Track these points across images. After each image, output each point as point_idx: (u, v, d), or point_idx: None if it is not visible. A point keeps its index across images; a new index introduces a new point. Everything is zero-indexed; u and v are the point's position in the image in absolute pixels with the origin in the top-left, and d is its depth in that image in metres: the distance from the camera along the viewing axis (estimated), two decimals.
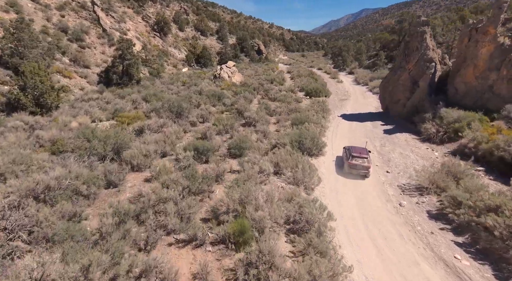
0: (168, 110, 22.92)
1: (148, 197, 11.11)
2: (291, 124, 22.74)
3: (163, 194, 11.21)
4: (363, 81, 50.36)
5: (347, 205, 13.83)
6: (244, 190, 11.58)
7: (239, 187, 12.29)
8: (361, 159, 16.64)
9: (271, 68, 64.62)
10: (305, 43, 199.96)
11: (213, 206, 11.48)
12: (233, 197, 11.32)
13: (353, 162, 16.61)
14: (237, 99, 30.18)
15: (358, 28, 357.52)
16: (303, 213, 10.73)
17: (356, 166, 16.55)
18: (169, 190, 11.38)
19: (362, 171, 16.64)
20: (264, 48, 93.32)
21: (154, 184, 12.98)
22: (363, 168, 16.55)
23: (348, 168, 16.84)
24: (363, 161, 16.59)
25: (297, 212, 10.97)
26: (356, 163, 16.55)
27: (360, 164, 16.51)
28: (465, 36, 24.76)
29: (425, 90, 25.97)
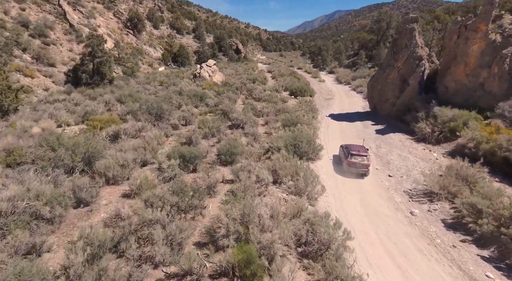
0: (146, 112, 20.65)
1: (129, 220, 9.07)
2: (282, 126, 21.18)
3: (147, 215, 9.21)
4: (345, 80, 49.90)
5: (356, 216, 12.42)
6: (245, 206, 9.81)
7: (238, 202, 10.50)
8: (361, 157, 16.09)
9: (251, 68, 63.01)
10: (282, 43, 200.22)
11: (209, 227, 9.63)
12: (232, 215, 9.53)
13: (353, 160, 16.05)
14: (220, 99, 28.26)
15: (332, 29, 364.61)
16: (316, 232, 9.13)
17: (355, 164, 15.99)
18: (155, 210, 9.39)
19: (361, 170, 16.04)
20: (243, 47, 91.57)
21: (134, 201, 10.91)
22: (362, 166, 15.95)
23: (347, 167, 16.24)
24: (362, 159, 16.02)
25: (309, 230, 9.36)
26: (355, 161, 16.00)
27: (360, 162, 15.95)
28: (454, 33, 24.32)
29: (416, 89, 25.32)
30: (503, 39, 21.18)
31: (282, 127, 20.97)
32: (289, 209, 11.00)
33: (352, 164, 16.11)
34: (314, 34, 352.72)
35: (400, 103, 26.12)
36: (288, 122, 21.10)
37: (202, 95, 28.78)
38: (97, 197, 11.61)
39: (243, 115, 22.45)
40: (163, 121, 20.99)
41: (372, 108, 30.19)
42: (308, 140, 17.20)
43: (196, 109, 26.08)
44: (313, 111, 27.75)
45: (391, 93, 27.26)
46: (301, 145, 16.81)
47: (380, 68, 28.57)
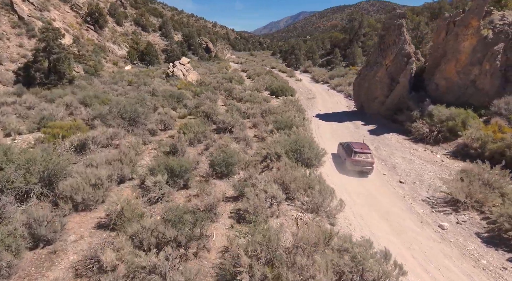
0: (118, 116, 17.62)
1: (113, 274, 6.49)
2: (276, 129, 19.14)
3: (138, 262, 6.69)
4: (322, 79, 49.06)
5: (383, 235, 10.67)
6: (264, 237, 7.62)
7: (253, 229, 8.27)
8: (364, 155, 15.45)
9: (224, 67, 60.50)
10: (250, 43, 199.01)
11: (223, 268, 7.31)
12: (253, 252, 7.29)
13: (356, 158, 15.38)
14: (200, 100, 25.62)
15: (298, 30, 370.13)
16: (364, 269, 7.15)
17: (359, 162, 15.36)
18: (149, 253, 6.88)
19: (366, 168, 15.44)
20: (213, 46, 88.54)
21: (116, 236, 8.27)
22: (367, 164, 15.36)
23: (351, 165, 15.53)
24: (366, 157, 15.39)
25: (353, 266, 7.36)
26: (359, 159, 15.34)
27: (364, 160, 15.32)
28: (442, 29, 23.76)
29: (406, 87, 24.48)
30: (494, 35, 20.80)
31: (276, 130, 18.92)
32: (314, 234, 8.94)
33: (356, 162, 15.34)
34: (281, 35, 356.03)
35: (390, 102, 25.19)
36: (281, 125, 19.09)
37: (179, 96, 25.97)
38: (62, 231, 8.77)
39: (230, 117, 20.09)
40: (139, 126, 18.08)
41: (358, 107, 29.14)
42: (310, 145, 15.30)
43: (174, 112, 23.29)
44: (300, 112, 26.02)
45: (380, 91, 26.28)
46: (304, 151, 14.86)
47: (367, 65, 27.57)
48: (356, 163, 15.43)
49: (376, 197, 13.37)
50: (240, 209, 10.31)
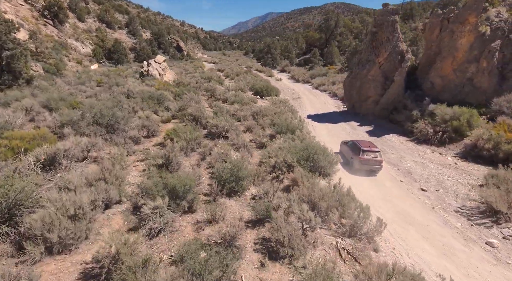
0: (93, 122, 14.77)
1: None
2: (276, 133, 17.20)
3: None
4: (302, 78, 47.99)
5: (433, 259, 9.12)
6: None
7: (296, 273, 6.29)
8: (373, 153, 15.03)
9: (199, 66, 57.65)
10: (220, 42, 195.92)
11: None
12: None
13: (365, 157, 14.92)
14: (184, 102, 23.05)
15: (267, 30, 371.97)
16: None
17: (368, 161, 14.90)
18: None
19: (375, 167, 14.99)
20: (184, 45, 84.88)
21: None
22: (376, 162, 14.90)
23: (359, 164, 14.96)
24: (375, 155, 14.98)
25: None
26: (368, 158, 14.90)
27: (373, 159, 14.89)
28: (436, 26, 23.17)
29: (402, 85, 23.65)
30: (491, 32, 20.41)
31: (276, 134, 16.97)
32: (368, 269, 7.13)
33: (365, 161, 14.87)
34: (250, 35, 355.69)
35: (384, 101, 24.24)
36: (282, 128, 17.18)
37: (159, 97, 23.22)
38: None
39: (223, 121, 17.85)
40: (119, 133, 15.33)
41: (350, 107, 28.04)
42: (324, 151, 13.54)
43: (156, 115, 20.59)
44: (293, 113, 24.31)
45: (373, 90, 25.29)
46: (318, 159, 13.07)
47: (358, 64, 26.49)
48: (365, 162, 14.86)
49: (404, 209, 11.88)
50: (267, 239, 8.27)
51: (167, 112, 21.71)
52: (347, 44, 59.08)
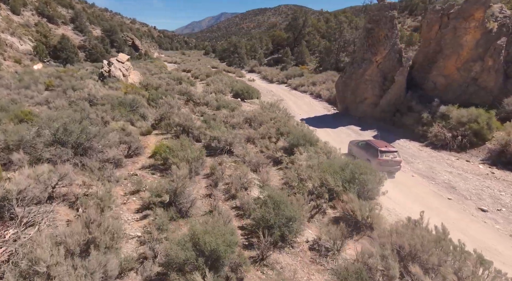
0: (55, 141, 10.58)
1: None
2: (291, 145, 14.25)
3: None
4: (277, 79, 45.69)
5: None
6: None
7: None
8: (391, 154, 14.18)
9: (161, 66, 52.62)
10: (176, 42, 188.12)
11: None
12: None
13: (384, 158, 14.01)
14: (165, 109, 19.11)
15: (222, 30, 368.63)
16: None
17: (388, 162, 13.98)
18: None
19: (394, 168, 14.13)
20: (140, 43, 78.24)
21: None
22: (395, 163, 14.07)
23: (378, 166, 13.56)
24: (394, 156, 14.15)
25: None
26: (387, 159, 13.99)
27: (392, 160, 14.01)
28: (435, 23, 21.99)
29: (403, 86, 22.14)
30: (497, 28, 19.59)
31: (293, 147, 14.02)
32: None
33: (384, 162, 13.96)
34: (205, 35, 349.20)
35: (385, 103, 22.56)
36: (298, 140, 14.25)
37: (132, 103, 19.02)
38: None
39: (226, 133, 14.47)
40: (93, 154, 11.27)
41: (343, 110, 26.06)
42: (370, 170, 10.90)
43: (133, 127, 16.53)
44: (289, 118, 21.57)
45: (371, 91, 23.54)
46: (366, 180, 10.40)
47: (352, 63, 24.58)
48: (384, 163, 13.93)
49: (477, 238, 9.67)
50: None
51: (144, 122, 17.72)
52: (316, 44, 58.15)
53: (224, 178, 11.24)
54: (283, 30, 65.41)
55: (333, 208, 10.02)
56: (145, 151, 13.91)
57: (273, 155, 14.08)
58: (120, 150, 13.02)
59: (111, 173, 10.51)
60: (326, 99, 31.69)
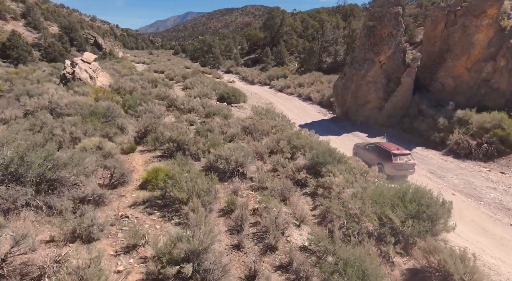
0: (6, 177, 7.23)
1: None
2: (314, 162, 11.72)
3: None
4: (258, 80, 43.22)
5: None
6: None
7: None
8: (405, 157, 13.56)
9: (130, 67, 48.05)
10: (141, 41, 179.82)
11: None
12: None
13: (398, 162, 13.35)
14: (149, 119, 15.81)
15: (189, 30, 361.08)
16: None
17: (402, 166, 13.35)
18: None
19: (409, 171, 13.52)
20: (104, 42, 72.17)
21: None
22: (409, 167, 13.46)
23: (393, 171, 13.15)
24: (408, 159, 13.53)
25: None
26: (402, 163, 13.36)
27: (407, 163, 13.39)
28: (440, 21, 20.65)
29: (411, 88, 20.54)
30: (511, 26, 18.51)
31: (317, 167, 11.50)
32: None
33: (399, 166, 13.28)
34: (171, 34, 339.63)
35: (390, 107, 20.85)
36: (326, 157, 11.72)
37: (106, 113, 15.55)
38: None
39: (236, 152, 11.63)
40: (62, 190, 8.04)
41: (341, 114, 24.08)
42: (430, 198, 8.65)
43: (112, 143, 13.19)
44: (291, 126, 19.12)
45: (374, 94, 21.76)
46: (434, 213, 8.14)
47: (352, 63, 22.67)
48: (399, 167, 13.26)
49: None
50: None
51: (125, 136, 14.46)
52: (294, 43, 56.45)
53: (248, 216, 8.47)
54: (259, 30, 63.05)
55: (400, 255, 7.67)
56: (132, 177, 10.76)
57: (293, 176, 11.51)
58: (99, 178, 9.85)
59: (92, 219, 7.35)
60: (317, 102, 29.70)
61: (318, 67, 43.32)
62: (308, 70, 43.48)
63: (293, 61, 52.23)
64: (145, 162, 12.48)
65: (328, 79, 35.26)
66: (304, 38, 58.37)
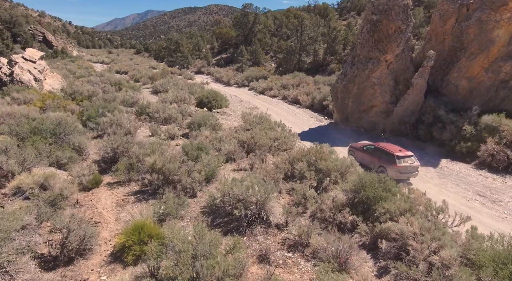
0: None
1: None
2: (361, 201, 8.53)
3: None
4: (235, 82, 39.63)
5: None
6: None
7: None
8: (409, 159, 12.97)
9: (87, 67, 42.23)
10: (98, 39, 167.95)
11: None
12: None
13: (403, 164, 12.72)
14: (118, 137, 11.70)
15: (150, 29, 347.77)
16: None
17: (407, 169, 12.76)
18: None
19: (413, 174, 13.00)
20: (54, 38, 64.26)
21: None
22: (413, 169, 12.91)
23: (397, 174, 12.47)
24: (412, 161, 12.96)
25: None
26: (406, 165, 12.75)
27: (411, 165, 12.81)
28: (451, 15, 18.61)
29: (423, 90, 18.26)
30: None
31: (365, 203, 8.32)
32: None
33: (403, 169, 12.72)
34: (130, 32, 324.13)
35: (401, 112, 18.43)
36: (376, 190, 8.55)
37: (57, 129, 11.27)
38: None
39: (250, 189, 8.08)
40: None
41: (341, 120, 21.31)
42: None
43: (66, 174, 9.12)
44: (294, 137, 15.88)
45: (380, 97, 19.24)
46: None
47: (354, 63, 19.98)
48: (403, 170, 12.73)
49: None
50: None
51: (84, 162, 10.41)
52: (269, 42, 53.55)
53: None
54: (231, 27, 59.32)
55: None
56: (100, 238, 6.91)
57: (332, 217, 8.28)
58: (44, 243, 5.97)
59: None
60: (307, 105, 26.84)
61: (298, 68, 40.74)
62: (287, 70, 40.74)
63: (269, 61, 49.31)
64: (117, 205, 8.60)
65: (312, 80, 32.69)
66: (278, 37, 55.74)
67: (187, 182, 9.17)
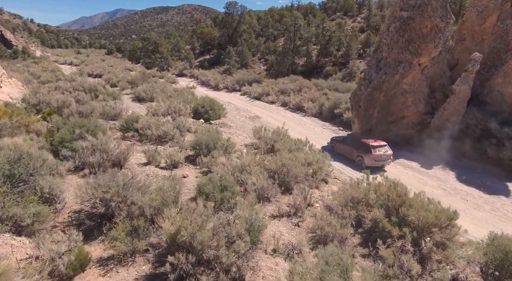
0: None
1: None
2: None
3: None
4: (224, 86, 36.08)
5: None
6: None
7: None
8: (383, 148, 14.46)
9: (54, 69, 36.93)
10: (64, 38, 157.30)
11: None
12: None
13: (377, 153, 14.20)
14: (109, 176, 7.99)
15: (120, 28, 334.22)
16: None
17: (381, 157, 14.27)
18: None
19: (386, 161, 14.48)
20: (14, 37, 57.38)
21: None
22: (387, 157, 14.42)
23: (372, 162, 14.12)
24: (385, 150, 14.43)
25: None
26: (380, 154, 14.24)
27: (385, 154, 14.32)
28: (492, 12, 16.37)
29: (467, 99, 15.84)
30: None
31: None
32: None
33: (378, 157, 14.20)
34: (99, 32, 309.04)
35: (439, 124, 15.86)
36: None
37: (12, 172, 7.34)
38: None
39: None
40: None
41: (363, 131, 18.48)
42: None
43: (28, 240, 5.33)
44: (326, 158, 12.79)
45: (413, 107, 16.62)
46: None
47: (379, 67, 17.25)
48: (378, 158, 14.21)
49: None
50: None
51: (60, 218, 6.64)
52: (255, 43, 50.41)
53: None
54: (212, 27, 55.51)
55: None
56: None
57: None
58: None
59: None
60: (313, 114, 23.89)
61: (292, 70, 37.95)
62: (280, 73, 37.85)
63: (257, 63, 46.20)
64: None
65: (312, 84, 29.93)
66: (264, 37, 52.79)
67: (229, 260, 5.78)
